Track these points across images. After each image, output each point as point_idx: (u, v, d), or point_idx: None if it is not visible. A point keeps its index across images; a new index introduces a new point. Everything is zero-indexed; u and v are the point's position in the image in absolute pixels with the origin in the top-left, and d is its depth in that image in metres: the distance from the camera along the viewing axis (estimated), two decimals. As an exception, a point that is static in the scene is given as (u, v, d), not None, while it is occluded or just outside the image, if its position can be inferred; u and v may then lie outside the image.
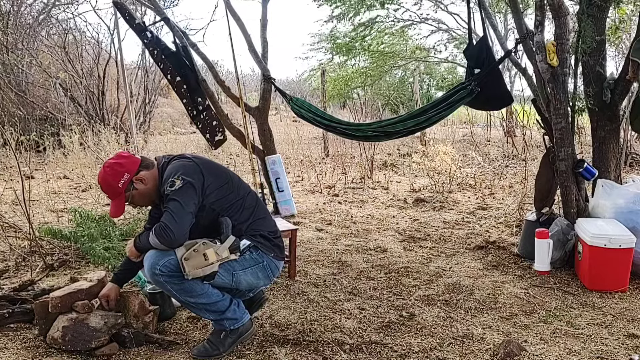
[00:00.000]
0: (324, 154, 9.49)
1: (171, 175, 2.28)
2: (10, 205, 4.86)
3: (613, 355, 2.46)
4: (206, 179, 2.32)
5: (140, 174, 2.35)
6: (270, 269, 2.47)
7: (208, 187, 2.32)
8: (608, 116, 3.85)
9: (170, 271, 2.24)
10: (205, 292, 2.33)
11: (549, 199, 3.95)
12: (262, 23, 4.97)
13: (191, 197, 2.25)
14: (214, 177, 2.37)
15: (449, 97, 3.86)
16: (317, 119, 4.40)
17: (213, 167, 2.44)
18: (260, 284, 2.51)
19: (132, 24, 4.55)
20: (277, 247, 2.51)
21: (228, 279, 2.36)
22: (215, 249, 2.27)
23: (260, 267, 2.43)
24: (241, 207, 2.42)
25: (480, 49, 3.87)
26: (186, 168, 2.32)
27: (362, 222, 5.09)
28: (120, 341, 2.43)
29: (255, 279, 2.44)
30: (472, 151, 8.86)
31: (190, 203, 2.24)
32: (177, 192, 2.23)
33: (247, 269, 2.39)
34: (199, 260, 2.23)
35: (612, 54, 7.97)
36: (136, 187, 2.35)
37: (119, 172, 2.32)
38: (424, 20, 12.72)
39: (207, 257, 2.24)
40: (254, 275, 2.42)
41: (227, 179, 2.44)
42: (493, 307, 3.02)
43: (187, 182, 2.25)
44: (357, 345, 2.53)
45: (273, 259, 2.47)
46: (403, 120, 4.00)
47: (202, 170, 2.34)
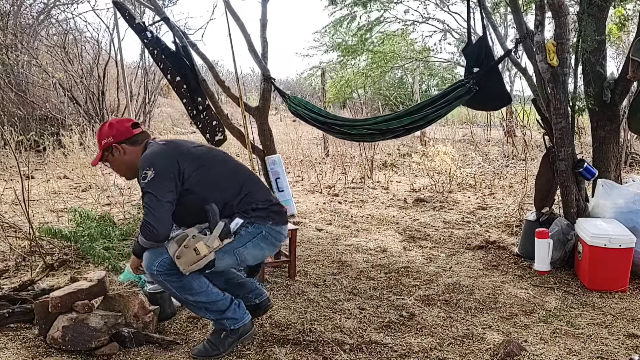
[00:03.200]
0: (324, 154, 9.48)
1: (143, 166, 2.26)
2: (10, 205, 4.85)
3: (613, 355, 2.46)
4: (181, 164, 2.28)
5: (122, 145, 2.39)
6: (272, 236, 2.42)
7: (184, 171, 2.28)
8: (608, 116, 3.85)
9: (167, 270, 2.25)
10: (204, 290, 2.34)
11: (549, 199, 3.94)
12: (262, 23, 4.97)
13: (166, 186, 2.24)
14: (189, 160, 2.32)
15: (446, 94, 3.82)
16: (313, 115, 4.36)
17: (188, 149, 2.39)
18: (266, 253, 2.49)
19: (132, 24, 4.54)
20: (275, 214, 2.45)
21: (232, 260, 2.35)
22: (205, 241, 2.24)
23: (260, 237, 2.38)
24: (228, 184, 2.39)
25: (480, 48, 3.86)
26: (158, 157, 2.30)
27: (362, 222, 5.09)
28: (120, 341, 2.43)
29: (259, 249, 2.41)
30: (472, 151, 8.85)
31: (165, 193, 2.23)
32: (150, 184, 2.23)
33: (247, 243, 2.35)
34: (191, 256, 2.22)
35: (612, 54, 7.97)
36: (113, 153, 2.41)
37: (107, 132, 2.41)
38: (426, 21, 12.74)
39: (198, 252, 2.22)
40: (256, 247, 2.39)
41: (207, 159, 2.39)
42: (493, 307, 3.02)
43: (159, 171, 2.24)
44: (357, 345, 2.53)
45: (272, 226, 2.41)
46: (399, 117, 3.94)
47: (175, 155, 2.31)
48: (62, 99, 9.71)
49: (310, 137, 10.10)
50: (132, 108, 9.81)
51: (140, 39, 4.57)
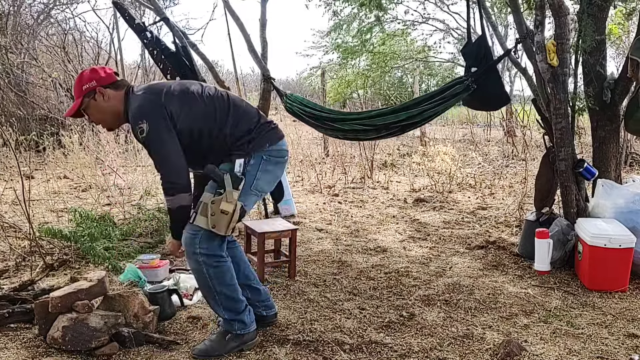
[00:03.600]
0: (324, 154, 9.48)
1: (137, 119, 2.26)
2: (10, 205, 4.85)
3: (613, 355, 2.46)
4: (167, 107, 2.28)
5: (106, 90, 2.35)
6: (274, 157, 2.45)
7: (172, 112, 2.28)
8: (608, 116, 3.85)
9: (207, 249, 2.30)
10: (233, 285, 2.40)
11: (549, 199, 3.94)
12: (262, 23, 4.97)
13: (164, 133, 2.24)
14: (172, 101, 2.31)
15: (444, 90, 3.78)
16: (308, 110, 4.28)
17: (168, 90, 2.35)
18: (278, 173, 2.51)
19: (132, 24, 4.54)
20: (269, 134, 2.45)
21: (253, 197, 2.40)
22: (226, 199, 2.26)
23: (264, 163, 2.41)
24: (216, 115, 2.37)
25: (479, 48, 3.85)
26: (146, 107, 2.28)
27: (362, 222, 5.09)
28: (120, 341, 2.43)
29: (270, 173, 2.44)
30: (472, 151, 8.85)
31: (167, 140, 2.24)
32: (149, 137, 2.23)
33: (256, 174, 2.38)
34: (224, 218, 2.25)
35: (612, 54, 7.97)
36: (95, 98, 2.35)
37: (90, 77, 2.35)
38: (426, 21, 12.75)
39: (226, 211, 2.25)
40: (266, 173, 2.42)
41: (190, 93, 2.37)
42: (493, 307, 3.02)
43: (152, 121, 2.23)
44: (357, 345, 2.53)
45: (270, 148, 2.43)
46: (395, 112, 3.84)
47: (160, 100, 2.29)
48: (62, 99, 9.70)
49: (310, 137, 10.09)
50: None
51: (140, 39, 4.57)
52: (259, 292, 2.67)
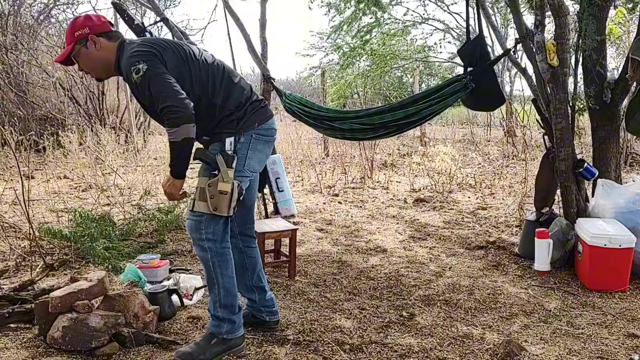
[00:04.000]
0: (324, 154, 9.48)
1: (132, 61, 2.18)
2: (10, 205, 4.86)
3: (613, 355, 2.46)
4: (164, 58, 2.21)
5: (100, 38, 2.29)
6: (263, 135, 2.41)
7: (168, 66, 2.21)
8: (608, 116, 3.85)
9: (213, 233, 2.27)
10: (233, 277, 2.38)
11: (549, 199, 3.94)
12: (261, 23, 4.97)
13: (162, 68, 2.18)
14: (171, 55, 2.25)
15: (442, 88, 3.74)
16: (306, 109, 4.28)
17: (168, 43, 2.31)
18: (267, 151, 2.48)
19: (131, 25, 4.52)
20: (259, 112, 2.40)
21: (247, 178, 2.38)
22: (222, 180, 2.23)
23: (254, 142, 2.37)
24: (209, 82, 2.31)
25: (474, 48, 3.84)
26: (144, 50, 2.21)
27: (362, 222, 5.09)
28: (120, 341, 2.43)
29: (259, 152, 2.42)
30: (472, 151, 8.85)
31: (166, 74, 2.17)
32: (147, 74, 2.14)
33: (247, 153, 2.35)
34: (224, 198, 2.23)
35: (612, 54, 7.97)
36: (87, 46, 2.28)
37: (83, 24, 2.29)
38: (425, 21, 12.75)
39: (224, 192, 2.22)
40: (256, 152, 2.39)
41: (186, 53, 2.31)
42: (493, 307, 3.02)
43: (150, 62, 2.16)
44: (357, 345, 2.53)
45: (259, 126, 2.38)
46: (393, 110, 3.81)
47: (158, 50, 2.23)
48: (62, 99, 9.71)
49: (310, 137, 10.09)
50: (132, 108, 9.81)
51: (140, 39, 4.56)
52: (267, 297, 2.66)
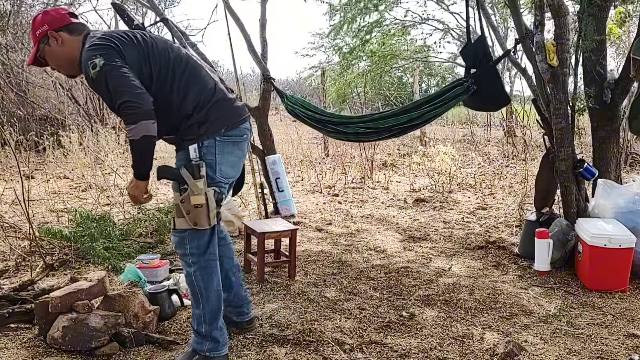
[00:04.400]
0: (324, 154, 9.48)
1: (89, 55, 2.05)
2: (11, 205, 4.85)
3: (613, 355, 2.46)
4: (123, 52, 2.08)
5: (60, 33, 2.16)
6: (230, 137, 2.22)
7: (127, 59, 2.08)
8: (608, 116, 3.85)
9: (197, 248, 2.20)
10: (219, 291, 2.29)
11: (549, 199, 3.94)
12: (262, 23, 4.97)
13: (122, 66, 2.03)
14: (131, 49, 2.11)
15: (445, 92, 3.80)
16: (310, 113, 4.32)
17: (129, 36, 2.17)
18: (237, 152, 2.28)
19: (131, 26, 4.52)
20: (225, 116, 2.21)
21: (224, 186, 2.26)
22: (193, 193, 2.10)
23: (220, 145, 2.20)
24: (167, 77, 2.16)
25: (477, 49, 3.85)
26: (101, 44, 2.08)
27: (362, 222, 5.09)
28: (120, 341, 2.43)
29: (229, 154, 2.23)
30: (472, 151, 8.85)
31: (124, 69, 2.03)
32: (103, 68, 2.00)
33: (216, 157, 2.19)
34: (201, 212, 2.11)
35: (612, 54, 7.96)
36: (49, 43, 2.18)
37: (42, 20, 2.18)
38: (425, 21, 12.74)
39: (199, 204, 2.10)
40: (225, 155, 2.21)
41: (147, 46, 2.16)
42: (493, 307, 3.02)
43: (108, 56, 2.03)
44: (357, 345, 2.53)
45: (225, 133, 2.19)
46: (396, 115, 3.89)
47: (117, 43, 2.10)
48: (62, 99, 9.70)
49: (310, 137, 10.09)
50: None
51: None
52: (235, 296, 2.55)
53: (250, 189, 5.59)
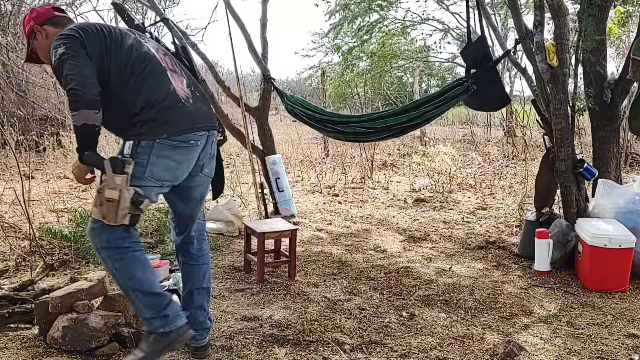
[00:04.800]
0: (324, 154, 9.48)
1: (53, 47, 2.08)
2: (10, 205, 4.85)
3: (613, 355, 2.46)
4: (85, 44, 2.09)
5: (44, 27, 2.22)
6: (170, 141, 2.12)
7: (87, 46, 2.08)
8: (608, 116, 3.85)
9: (107, 242, 2.09)
10: (145, 278, 2.15)
11: (549, 199, 3.95)
12: (262, 23, 4.98)
13: (81, 56, 2.04)
14: (92, 39, 2.11)
15: (445, 92, 3.82)
16: (309, 113, 4.34)
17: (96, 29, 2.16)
18: (177, 156, 2.16)
19: (132, 25, 4.53)
20: (172, 121, 2.13)
21: (151, 183, 2.13)
22: (107, 186, 2.03)
23: (158, 148, 2.10)
24: (126, 73, 2.13)
25: (477, 49, 3.86)
26: (66, 34, 2.10)
27: (362, 222, 5.09)
28: (120, 341, 2.43)
29: (168, 159, 2.13)
30: (472, 151, 8.85)
31: (82, 58, 2.04)
32: (63, 56, 2.03)
33: (150, 159, 2.10)
34: (110, 207, 2.03)
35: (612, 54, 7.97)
36: (37, 37, 2.24)
37: (29, 18, 2.26)
38: (425, 21, 12.74)
39: (111, 199, 2.02)
40: (161, 159, 2.12)
41: (107, 44, 2.14)
42: (493, 307, 3.02)
43: (70, 45, 2.05)
44: (357, 345, 2.53)
45: (167, 140, 2.11)
46: (395, 115, 3.91)
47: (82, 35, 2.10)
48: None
49: (310, 137, 10.09)
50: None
51: (140, 39, 4.56)
52: (191, 317, 2.40)
53: (250, 189, 5.59)
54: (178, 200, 2.39)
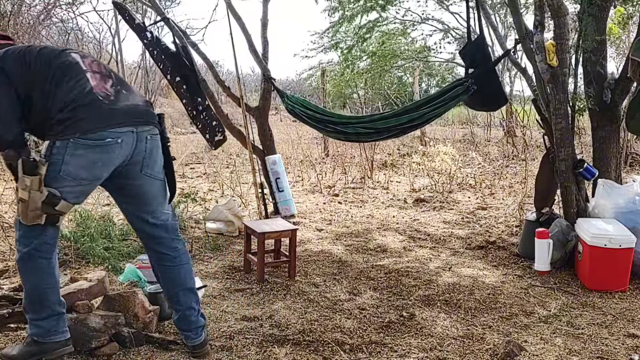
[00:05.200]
0: (324, 154, 9.48)
1: None
2: (11, 205, 4.85)
3: (613, 355, 2.46)
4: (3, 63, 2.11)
5: None
6: (84, 139, 2.08)
7: (8, 72, 2.10)
8: (608, 116, 3.85)
9: (25, 239, 2.15)
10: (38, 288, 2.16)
11: (549, 199, 3.95)
12: (263, 23, 4.98)
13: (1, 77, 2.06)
14: (12, 60, 2.13)
15: (445, 92, 3.84)
16: (310, 113, 4.36)
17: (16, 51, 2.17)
18: (93, 155, 2.11)
19: (132, 25, 4.55)
20: (86, 120, 2.10)
21: (68, 182, 2.10)
22: (19, 186, 2.05)
23: (72, 147, 2.08)
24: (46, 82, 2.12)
25: (476, 49, 3.87)
26: None
27: (362, 222, 5.09)
28: (120, 341, 2.43)
29: (82, 158, 2.10)
30: (472, 151, 8.85)
31: None
32: None
33: (64, 159, 2.08)
34: (22, 207, 2.07)
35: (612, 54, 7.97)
36: None
37: None
38: (425, 21, 12.74)
39: (23, 199, 2.05)
40: (76, 158, 2.09)
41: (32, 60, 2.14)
42: (493, 307, 3.02)
43: None
44: (357, 345, 2.53)
45: (80, 137, 2.07)
46: (396, 115, 3.94)
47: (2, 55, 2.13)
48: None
49: (310, 137, 10.09)
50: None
51: (140, 40, 4.57)
52: (180, 319, 2.42)
53: (250, 189, 5.59)
54: (125, 202, 2.37)
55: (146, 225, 2.37)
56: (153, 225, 2.37)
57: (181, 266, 2.43)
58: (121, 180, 2.28)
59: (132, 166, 2.25)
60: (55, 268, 2.22)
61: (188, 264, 2.47)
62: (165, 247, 2.40)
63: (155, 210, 2.36)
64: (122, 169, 2.23)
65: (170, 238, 2.42)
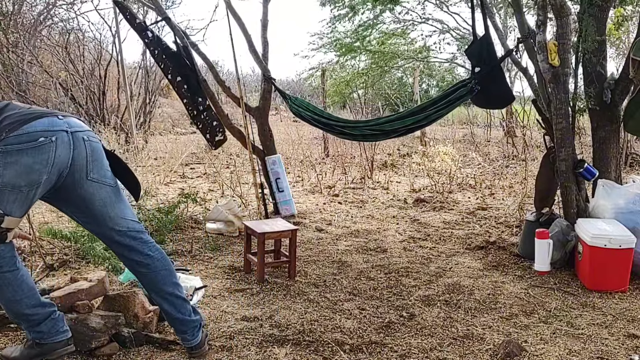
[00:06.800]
0: (324, 154, 9.48)
1: None
2: None
3: (613, 356, 2.46)
4: None
5: None
6: (11, 144, 2.02)
7: None
8: (608, 116, 3.85)
9: None
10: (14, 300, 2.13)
11: (549, 199, 3.95)
12: (263, 23, 4.98)
13: None
14: None
15: (448, 94, 3.89)
16: (316, 117, 4.43)
17: None
18: (26, 159, 2.03)
19: (133, 24, 4.55)
20: (9, 122, 2.05)
21: (10, 194, 2.04)
22: None
23: (3, 156, 2.02)
24: None
25: (481, 48, 3.88)
26: None
27: (362, 222, 5.09)
28: (120, 341, 2.43)
29: (17, 165, 2.03)
30: (472, 151, 8.85)
31: None
32: None
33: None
34: None
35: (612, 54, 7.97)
36: None
37: None
38: (425, 21, 12.75)
39: None
40: (8, 165, 2.02)
41: None
42: (493, 307, 3.02)
43: None
44: (357, 345, 2.53)
45: (5, 136, 2.01)
46: (402, 118, 4.04)
47: None
48: (63, 99, 9.71)
49: (310, 137, 10.10)
50: (133, 108, 9.80)
51: (141, 39, 4.58)
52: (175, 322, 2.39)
53: (251, 189, 5.59)
54: (82, 216, 2.28)
55: (113, 233, 2.27)
56: (118, 233, 2.28)
57: (157, 272, 2.34)
58: (69, 193, 2.20)
59: (77, 173, 2.16)
60: (25, 276, 2.17)
61: (165, 270, 2.36)
62: (136, 253, 2.31)
63: (115, 218, 2.26)
64: (67, 178, 2.15)
65: (139, 244, 2.32)
